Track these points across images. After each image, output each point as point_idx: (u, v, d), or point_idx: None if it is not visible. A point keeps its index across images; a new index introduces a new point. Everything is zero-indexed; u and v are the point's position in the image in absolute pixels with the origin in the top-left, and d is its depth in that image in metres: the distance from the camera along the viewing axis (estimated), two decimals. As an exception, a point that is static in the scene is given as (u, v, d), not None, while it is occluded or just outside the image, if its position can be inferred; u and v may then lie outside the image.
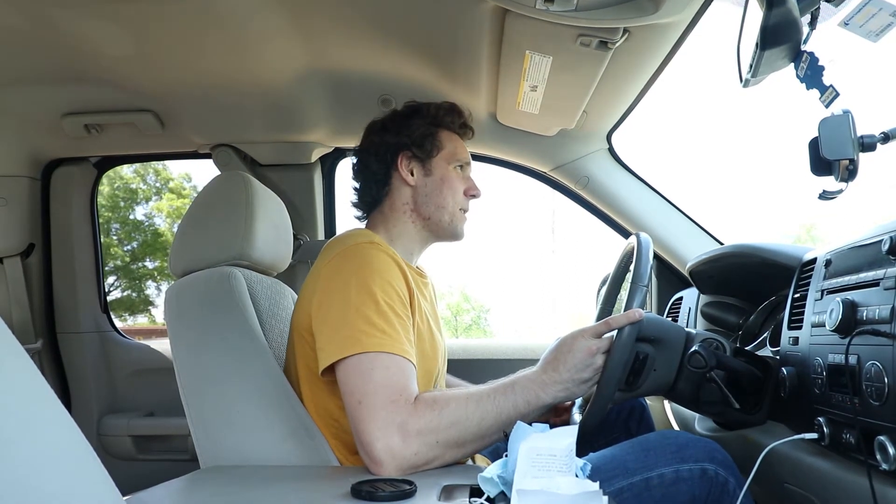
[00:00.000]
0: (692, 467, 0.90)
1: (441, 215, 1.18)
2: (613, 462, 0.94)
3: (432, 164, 1.19)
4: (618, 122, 1.61)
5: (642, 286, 1.00)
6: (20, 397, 0.41)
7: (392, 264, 1.02)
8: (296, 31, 1.25)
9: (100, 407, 1.95)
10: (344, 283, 0.98)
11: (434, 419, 0.89)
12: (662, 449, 0.94)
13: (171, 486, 0.86)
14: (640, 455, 0.94)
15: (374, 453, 0.87)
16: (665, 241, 1.75)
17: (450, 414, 0.90)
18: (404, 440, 0.87)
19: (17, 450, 0.38)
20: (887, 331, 0.72)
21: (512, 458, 0.72)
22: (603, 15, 1.02)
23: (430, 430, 0.88)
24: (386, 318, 0.95)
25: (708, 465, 0.91)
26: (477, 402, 0.93)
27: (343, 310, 0.95)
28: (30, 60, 1.36)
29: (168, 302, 1.13)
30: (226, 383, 1.04)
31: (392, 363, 0.92)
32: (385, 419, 0.87)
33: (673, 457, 0.92)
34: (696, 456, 0.91)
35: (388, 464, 0.86)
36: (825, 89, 0.86)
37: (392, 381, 0.90)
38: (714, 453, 0.92)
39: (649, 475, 0.91)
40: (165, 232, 13.34)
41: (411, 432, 0.87)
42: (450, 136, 1.23)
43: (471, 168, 1.26)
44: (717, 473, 0.90)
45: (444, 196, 1.18)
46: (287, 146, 1.78)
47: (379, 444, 0.86)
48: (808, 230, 16.75)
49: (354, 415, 0.90)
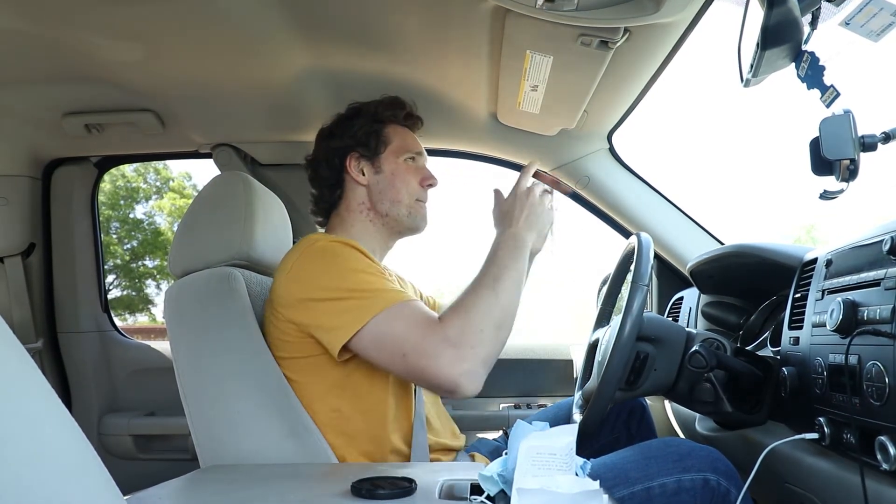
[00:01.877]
0: (694, 477, 0.89)
1: (398, 210, 1.20)
2: (614, 470, 0.93)
3: (381, 161, 1.21)
4: (619, 121, 1.60)
5: (643, 286, 1.00)
6: (21, 397, 0.41)
7: (348, 246, 1.04)
8: (296, 30, 1.25)
9: (100, 406, 1.95)
10: (320, 273, 1.00)
11: (463, 322, 0.93)
12: (664, 457, 0.92)
13: (172, 486, 0.86)
14: (641, 463, 0.93)
15: (442, 378, 0.91)
16: (666, 241, 1.75)
17: (472, 310, 0.94)
18: (457, 350, 0.91)
19: (18, 449, 0.38)
20: (888, 331, 0.72)
21: (512, 456, 0.72)
22: (604, 15, 1.01)
23: (468, 332, 0.92)
24: (370, 282, 0.98)
25: (710, 476, 0.89)
26: (486, 289, 0.97)
27: (330, 293, 0.97)
28: (30, 60, 1.36)
29: (168, 302, 1.13)
30: (225, 383, 1.04)
31: (405, 308, 0.96)
32: (431, 347, 0.91)
33: (675, 466, 0.91)
34: (698, 466, 0.90)
35: (464, 378, 0.91)
36: (826, 89, 0.86)
37: (415, 319, 0.94)
38: (716, 463, 0.91)
39: (650, 485, 0.90)
40: (166, 231, 13.34)
41: (455, 342, 0.91)
42: (396, 129, 1.24)
43: (424, 158, 1.26)
44: (718, 484, 0.89)
45: (397, 190, 1.19)
46: (288, 146, 1.78)
47: (443, 369, 0.90)
48: (808, 231, 16.74)
49: (408, 366, 0.93)
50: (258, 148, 1.80)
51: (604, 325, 1.32)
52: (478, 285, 0.98)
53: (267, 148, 1.80)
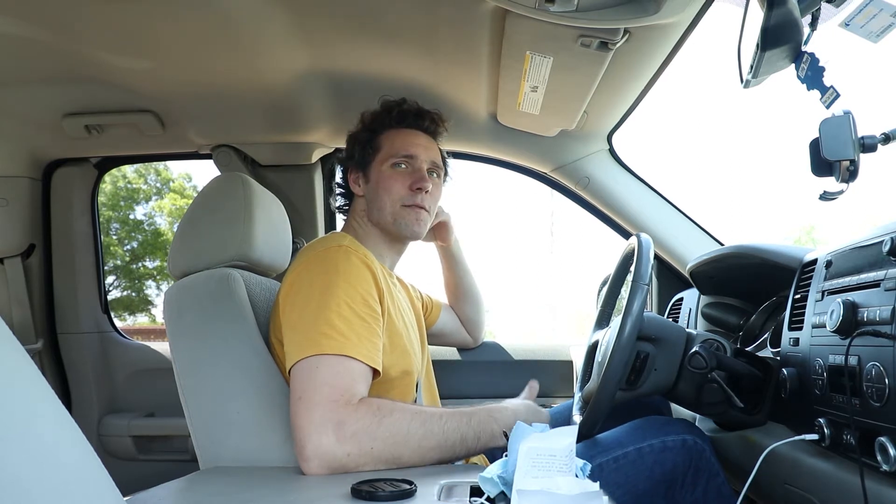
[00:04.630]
0: (675, 438, 1.06)
1: (384, 217, 1.20)
2: (609, 437, 1.10)
3: (370, 171, 1.24)
4: (618, 122, 1.61)
5: (643, 286, 1.00)
6: (20, 397, 0.41)
7: (360, 266, 1.03)
8: (296, 31, 1.25)
9: (100, 407, 1.95)
10: (309, 288, 1.00)
11: (373, 424, 0.88)
12: (650, 426, 1.10)
13: (172, 487, 0.86)
14: (630, 432, 1.10)
15: (306, 450, 0.86)
16: (665, 242, 1.75)
17: (391, 424, 0.90)
18: (338, 440, 0.86)
19: (18, 450, 0.38)
20: (888, 332, 0.72)
21: (512, 458, 0.72)
22: (603, 15, 1.01)
23: (367, 435, 0.87)
24: (347, 322, 0.95)
25: (687, 437, 1.06)
26: (424, 420, 0.93)
27: (305, 314, 0.96)
28: (30, 61, 1.36)
29: (167, 303, 1.13)
30: (225, 384, 1.05)
31: (342, 365, 0.92)
32: (322, 416, 0.87)
33: (659, 431, 1.07)
34: (677, 430, 1.07)
35: (316, 461, 0.86)
36: (826, 90, 0.86)
37: (336, 382, 0.90)
38: (692, 428, 1.09)
39: (640, 445, 1.05)
40: (166, 231, 13.35)
41: (346, 433, 0.86)
42: (389, 135, 1.24)
43: (421, 159, 1.22)
44: (695, 442, 1.06)
45: (380, 198, 1.20)
46: (288, 147, 1.78)
47: (311, 440, 0.86)
48: (808, 231, 16.74)
49: (293, 411, 0.90)
50: (258, 149, 1.80)
51: (604, 326, 1.32)
52: (419, 423, 0.92)
53: (267, 149, 1.80)
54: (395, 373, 1.07)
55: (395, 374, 1.07)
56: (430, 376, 1.32)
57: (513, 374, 1.83)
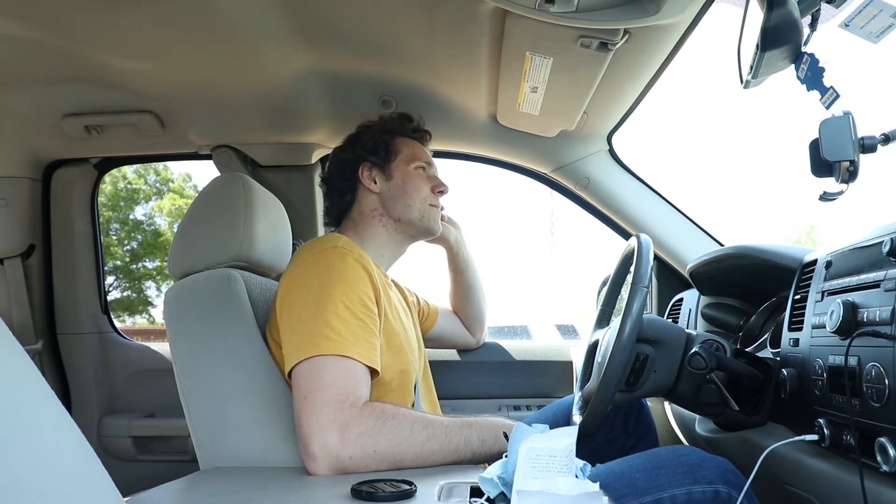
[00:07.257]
0: (705, 489, 0.86)
1: (410, 213, 1.23)
2: (623, 479, 0.91)
3: (392, 169, 1.26)
4: (618, 123, 1.61)
5: (643, 287, 1.00)
6: (20, 398, 0.41)
7: (356, 267, 1.03)
8: (296, 31, 1.25)
9: (100, 408, 1.95)
10: (306, 290, 1.00)
11: (375, 427, 0.89)
12: (675, 467, 0.90)
13: (172, 487, 0.86)
14: (651, 473, 0.90)
15: (311, 448, 0.87)
16: (665, 243, 1.75)
17: (393, 428, 0.90)
18: (342, 442, 0.87)
19: (18, 450, 0.38)
20: (888, 332, 0.72)
21: (512, 458, 0.71)
22: (603, 16, 1.02)
23: (370, 438, 0.88)
24: (344, 322, 0.96)
25: (721, 488, 0.87)
26: (426, 426, 0.93)
27: (304, 315, 0.97)
28: (31, 62, 1.36)
29: (167, 304, 1.13)
30: (225, 384, 1.04)
31: (344, 365, 0.93)
32: (327, 416, 0.88)
33: (685, 477, 0.88)
34: (709, 477, 0.87)
35: (322, 461, 0.87)
36: (826, 91, 0.86)
37: (341, 383, 0.91)
38: (727, 475, 0.88)
39: (661, 496, 0.87)
40: (166, 231, 13.34)
41: (351, 436, 0.88)
42: (405, 141, 1.30)
43: (435, 168, 1.31)
44: (730, 496, 0.86)
45: (409, 194, 1.23)
46: (288, 147, 1.78)
47: (317, 439, 0.87)
48: (808, 232, 16.74)
49: (298, 409, 0.90)
50: (258, 149, 1.80)
51: (603, 327, 1.32)
52: (420, 428, 0.92)
53: (267, 149, 1.80)
54: (392, 372, 1.07)
55: (393, 374, 1.07)
56: (427, 380, 1.32)
57: (513, 374, 1.83)
